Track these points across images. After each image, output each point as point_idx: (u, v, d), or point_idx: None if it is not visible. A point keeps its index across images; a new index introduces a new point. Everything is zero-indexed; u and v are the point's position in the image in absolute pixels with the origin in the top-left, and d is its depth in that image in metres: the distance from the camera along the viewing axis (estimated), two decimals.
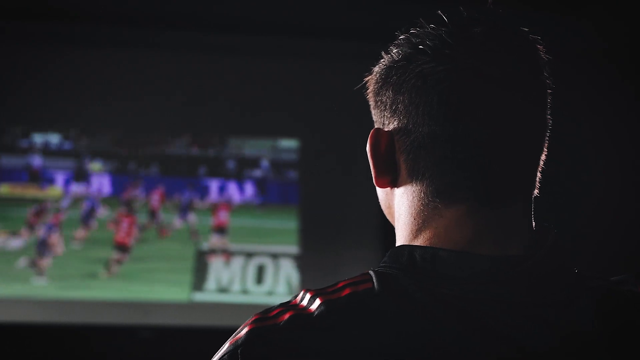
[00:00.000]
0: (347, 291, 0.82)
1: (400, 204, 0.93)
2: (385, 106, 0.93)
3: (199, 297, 5.17)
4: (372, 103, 0.96)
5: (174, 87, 5.41)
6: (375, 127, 0.94)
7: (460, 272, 0.82)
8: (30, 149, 5.37)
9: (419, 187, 0.89)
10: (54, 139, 5.41)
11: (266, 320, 0.81)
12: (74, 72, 5.38)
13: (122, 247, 5.25)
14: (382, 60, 0.94)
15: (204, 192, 5.42)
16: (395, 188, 0.93)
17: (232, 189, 5.43)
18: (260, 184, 5.43)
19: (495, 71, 0.86)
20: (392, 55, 0.92)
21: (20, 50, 5.37)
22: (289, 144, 5.45)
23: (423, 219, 0.89)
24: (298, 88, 5.28)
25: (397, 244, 0.92)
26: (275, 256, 5.25)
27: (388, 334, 0.78)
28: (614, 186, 4.88)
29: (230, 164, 5.43)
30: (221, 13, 5.03)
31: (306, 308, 0.81)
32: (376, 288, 0.82)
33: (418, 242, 0.89)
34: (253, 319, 0.82)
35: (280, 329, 0.79)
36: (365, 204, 4.72)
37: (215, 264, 5.24)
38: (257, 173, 5.42)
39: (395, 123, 0.91)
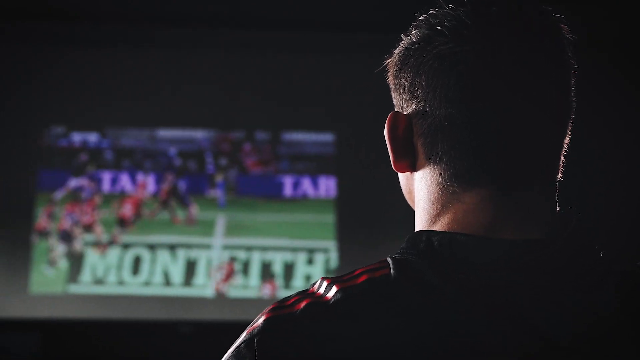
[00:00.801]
0: (363, 278, 0.81)
1: (419, 189, 0.91)
2: (403, 89, 0.91)
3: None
4: (391, 86, 0.95)
5: (215, 83, 5.47)
6: (394, 110, 0.93)
7: (478, 257, 0.80)
8: (70, 150, 5.44)
9: (437, 172, 0.88)
10: (92, 137, 5.48)
11: (283, 308, 0.81)
12: (108, 72, 5.46)
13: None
14: (401, 42, 0.93)
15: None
16: (415, 172, 0.92)
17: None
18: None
19: (514, 52, 0.84)
20: (410, 37, 0.91)
21: (60, 51, 5.47)
22: (325, 137, 5.45)
23: (442, 204, 0.87)
24: (334, 82, 5.29)
25: (416, 229, 0.91)
26: (311, 251, 5.26)
27: (404, 320, 0.76)
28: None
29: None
30: (257, 11, 5.06)
31: (323, 296, 0.80)
32: (393, 274, 0.80)
33: (437, 227, 0.87)
34: (270, 307, 0.81)
35: (296, 317, 0.79)
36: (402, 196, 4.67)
37: None
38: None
39: (413, 106, 0.89)
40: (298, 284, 5.06)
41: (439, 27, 0.86)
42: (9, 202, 5.30)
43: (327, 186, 5.37)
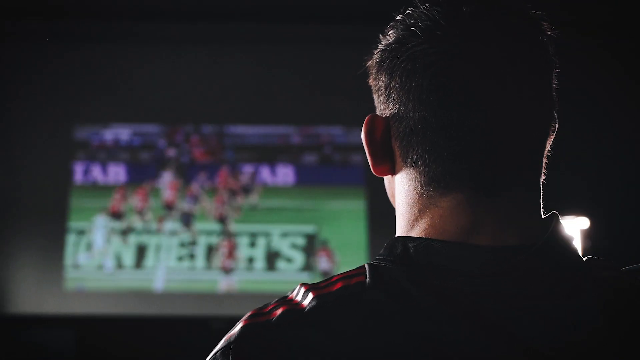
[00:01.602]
0: (339, 285, 0.80)
1: (398, 193, 0.90)
2: (380, 91, 0.89)
3: None
4: (372, 88, 0.93)
5: (262, 79, 5.52)
6: (372, 113, 0.91)
7: (454, 264, 0.79)
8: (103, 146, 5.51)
9: (414, 176, 0.86)
10: (124, 134, 5.54)
11: (260, 316, 0.80)
12: (137, 68, 5.52)
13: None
14: (379, 43, 0.91)
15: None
16: (394, 176, 0.90)
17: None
18: None
19: (488, 53, 0.82)
20: (387, 38, 0.89)
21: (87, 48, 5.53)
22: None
23: (419, 208, 0.86)
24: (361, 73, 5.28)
25: (396, 233, 0.89)
26: None
27: (377, 327, 0.75)
28: None
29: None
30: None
31: (299, 303, 0.80)
32: (368, 282, 0.79)
33: (414, 232, 0.85)
34: (248, 315, 0.81)
35: (271, 324, 0.78)
36: None
37: None
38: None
39: (390, 109, 0.87)
40: None
41: (413, 28, 0.85)
42: (44, 199, 5.38)
43: None
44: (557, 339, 0.75)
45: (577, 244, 3.71)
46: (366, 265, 0.82)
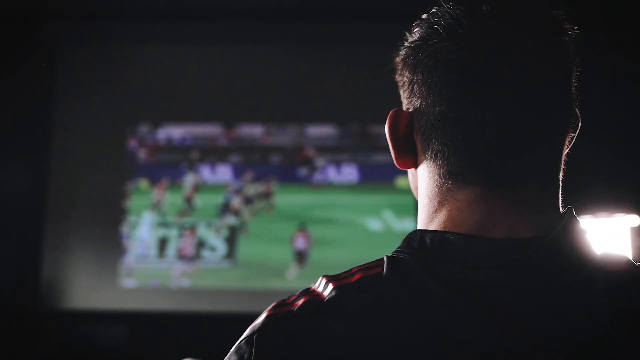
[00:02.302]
0: (358, 276, 0.83)
1: (419, 186, 0.93)
2: (404, 87, 0.92)
3: None
4: (398, 84, 0.96)
5: (313, 79, 5.55)
6: (396, 108, 0.94)
7: (468, 256, 0.81)
8: (156, 146, 5.59)
9: (434, 169, 0.89)
10: (176, 133, 5.62)
11: (283, 306, 0.83)
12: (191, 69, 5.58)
13: None
14: (405, 41, 0.94)
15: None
16: (417, 169, 0.93)
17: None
18: None
19: (506, 50, 0.84)
20: (412, 35, 0.92)
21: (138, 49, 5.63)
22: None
23: (438, 201, 0.88)
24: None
25: (417, 225, 0.92)
26: None
27: (392, 318, 0.78)
28: None
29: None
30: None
31: (320, 294, 0.83)
32: (385, 273, 0.82)
33: (433, 224, 0.88)
34: (272, 305, 0.84)
35: (293, 314, 0.81)
36: None
37: None
38: None
39: (413, 103, 0.90)
40: None
41: (436, 26, 0.87)
42: (101, 197, 5.47)
43: None
44: (566, 331, 0.76)
45: (627, 242, 3.65)
46: (385, 258, 0.84)
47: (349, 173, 5.52)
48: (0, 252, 5.16)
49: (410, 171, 0.96)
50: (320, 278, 0.86)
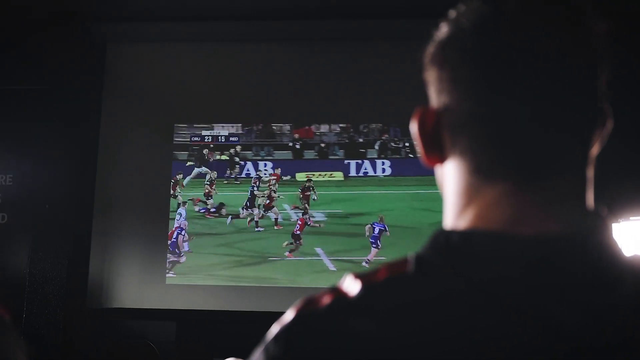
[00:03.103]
0: (384, 274, 0.83)
1: (447, 182, 0.92)
2: (432, 84, 0.92)
3: None
4: (426, 81, 0.96)
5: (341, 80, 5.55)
6: (423, 105, 0.94)
7: (495, 254, 0.80)
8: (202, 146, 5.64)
9: (461, 165, 0.89)
10: (223, 131, 5.66)
11: (310, 304, 0.84)
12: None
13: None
14: (433, 38, 0.94)
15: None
16: (444, 166, 0.93)
17: None
18: None
19: (533, 46, 0.83)
20: (439, 32, 0.92)
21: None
22: None
23: (466, 198, 0.88)
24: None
25: (445, 222, 0.92)
26: None
27: (419, 315, 0.78)
28: None
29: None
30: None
31: (347, 292, 0.83)
32: (411, 271, 0.82)
33: (461, 221, 0.88)
34: (300, 303, 0.85)
35: (320, 312, 0.82)
36: None
37: None
38: None
39: (440, 100, 0.90)
40: None
41: (462, 22, 0.88)
42: (148, 197, 5.53)
43: None
44: (594, 331, 0.75)
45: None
46: (411, 256, 0.84)
47: None
48: (51, 250, 5.25)
49: (438, 168, 0.96)
50: (347, 276, 0.86)
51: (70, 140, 5.42)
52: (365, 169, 5.60)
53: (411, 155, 5.53)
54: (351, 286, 0.83)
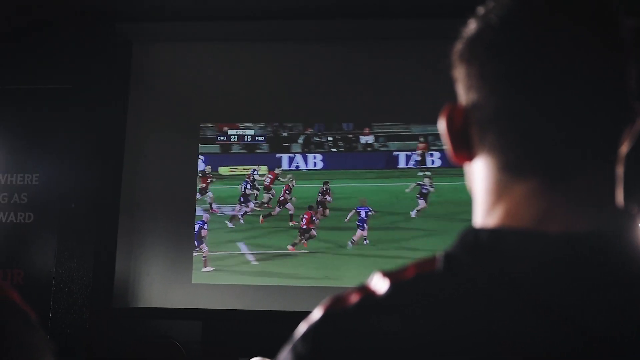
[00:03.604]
0: (413, 272, 0.83)
1: (476, 180, 0.92)
2: (461, 81, 0.92)
3: None
4: (455, 79, 0.95)
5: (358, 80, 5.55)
6: (451, 102, 0.93)
7: (523, 252, 0.79)
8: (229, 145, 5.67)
9: (490, 162, 0.88)
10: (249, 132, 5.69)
11: (338, 302, 0.83)
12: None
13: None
14: (462, 34, 0.93)
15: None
16: (473, 163, 0.92)
17: None
18: None
19: (561, 42, 0.82)
20: (467, 30, 0.91)
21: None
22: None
23: (495, 195, 0.87)
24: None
25: (474, 220, 0.91)
26: None
27: (447, 314, 0.77)
28: None
29: None
30: None
31: (375, 290, 0.82)
32: (440, 269, 0.81)
33: (490, 218, 0.87)
34: (328, 302, 0.84)
35: (349, 311, 0.81)
36: None
37: None
38: None
39: (469, 97, 0.90)
40: None
41: (490, 19, 0.87)
42: (174, 197, 5.56)
43: None
44: (621, 328, 0.74)
45: None
46: (439, 254, 0.84)
47: None
48: (77, 250, 5.29)
49: (466, 165, 0.95)
50: (375, 274, 0.86)
51: (96, 139, 5.46)
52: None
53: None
54: (379, 284, 0.83)
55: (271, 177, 5.67)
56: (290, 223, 5.59)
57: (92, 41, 5.50)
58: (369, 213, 5.53)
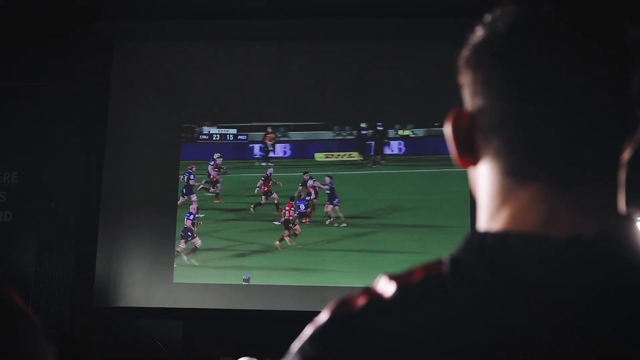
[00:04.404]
0: (420, 275, 0.84)
1: (480, 185, 0.93)
2: (467, 86, 0.93)
3: None
4: (461, 84, 0.97)
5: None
6: (457, 107, 0.95)
7: (529, 255, 0.81)
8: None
9: (495, 167, 0.89)
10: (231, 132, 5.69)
11: (345, 305, 0.84)
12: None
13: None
14: (468, 41, 0.95)
15: None
16: (477, 168, 0.93)
17: None
18: None
19: (566, 51, 0.84)
20: (474, 36, 0.93)
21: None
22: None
23: (500, 199, 0.89)
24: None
25: (478, 224, 0.92)
26: None
27: (455, 317, 0.78)
28: None
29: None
30: None
31: (382, 293, 0.84)
32: (447, 272, 0.82)
33: (495, 223, 0.88)
34: (334, 304, 0.86)
35: (356, 313, 0.82)
36: None
37: None
38: None
39: (474, 103, 0.91)
40: None
41: (498, 26, 0.88)
42: (155, 195, 5.55)
43: None
44: (628, 331, 0.76)
45: None
46: (446, 258, 0.85)
47: None
48: (57, 249, 5.25)
49: (471, 170, 0.97)
50: (381, 277, 0.87)
51: (77, 137, 5.43)
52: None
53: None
54: (386, 287, 0.84)
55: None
56: (276, 212, 5.58)
57: (73, 39, 5.46)
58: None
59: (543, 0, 0.87)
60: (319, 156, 5.66)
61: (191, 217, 5.56)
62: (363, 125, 5.63)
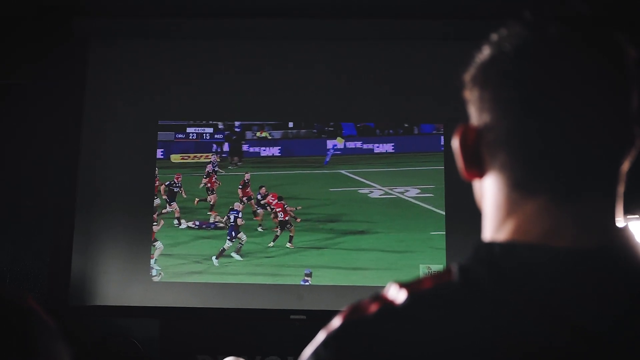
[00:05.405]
0: (429, 283, 0.87)
1: (486, 197, 0.97)
2: (473, 103, 0.97)
3: None
4: (467, 100, 1.00)
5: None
6: (465, 122, 0.98)
7: (535, 266, 0.84)
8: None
9: (501, 181, 0.93)
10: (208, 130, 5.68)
11: (358, 311, 0.88)
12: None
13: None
14: (476, 59, 0.98)
15: None
16: (483, 181, 0.97)
17: None
18: None
19: (571, 71, 0.88)
20: (481, 55, 0.97)
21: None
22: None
23: (505, 212, 0.92)
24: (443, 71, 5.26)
25: (484, 235, 0.96)
26: None
27: (464, 324, 0.81)
28: None
29: None
30: None
31: (393, 300, 0.87)
32: (456, 281, 0.86)
33: (501, 234, 0.92)
34: (346, 310, 0.89)
35: (368, 320, 0.86)
36: None
37: None
38: None
39: (482, 119, 0.95)
40: None
41: (505, 46, 0.93)
42: (132, 194, 5.52)
43: None
44: (630, 341, 0.80)
45: None
46: (454, 266, 0.89)
47: None
48: (32, 247, 5.22)
49: (476, 182, 1.01)
50: (391, 285, 0.90)
51: (52, 136, 5.39)
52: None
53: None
54: (396, 294, 0.87)
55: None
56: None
57: (49, 37, 5.42)
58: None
59: (547, 22, 0.91)
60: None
61: (239, 215, 5.59)
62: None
